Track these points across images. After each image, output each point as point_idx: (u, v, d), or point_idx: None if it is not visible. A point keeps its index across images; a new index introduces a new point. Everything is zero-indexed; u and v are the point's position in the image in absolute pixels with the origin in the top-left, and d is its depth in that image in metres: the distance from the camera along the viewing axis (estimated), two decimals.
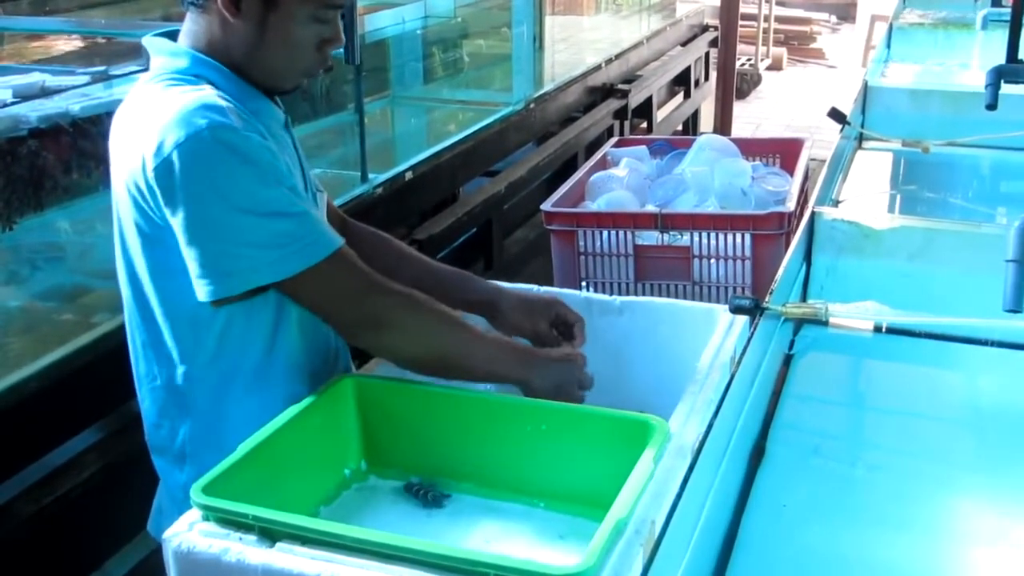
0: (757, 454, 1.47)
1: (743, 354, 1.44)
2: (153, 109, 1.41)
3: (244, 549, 1.18)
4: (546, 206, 2.43)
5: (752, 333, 1.49)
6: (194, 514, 1.23)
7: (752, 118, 8.81)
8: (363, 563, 1.14)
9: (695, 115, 7.12)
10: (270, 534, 1.19)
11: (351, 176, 3.41)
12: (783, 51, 11.18)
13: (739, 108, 8.28)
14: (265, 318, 1.50)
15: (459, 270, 1.75)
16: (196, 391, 1.52)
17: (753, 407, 1.50)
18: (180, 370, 1.51)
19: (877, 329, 1.76)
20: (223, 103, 1.40)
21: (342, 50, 2.93)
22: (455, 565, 1.11)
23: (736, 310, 1.53)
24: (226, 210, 1.38)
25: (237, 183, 1.38)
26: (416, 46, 4.69)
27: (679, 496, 1.20)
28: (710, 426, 1.29)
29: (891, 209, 2.46)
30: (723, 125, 7.37)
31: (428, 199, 3.77)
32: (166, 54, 1.48)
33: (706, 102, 7.39)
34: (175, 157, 1.36)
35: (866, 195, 2.46)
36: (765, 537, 1.33)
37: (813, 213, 1.91)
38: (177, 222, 1.39)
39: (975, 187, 2.76)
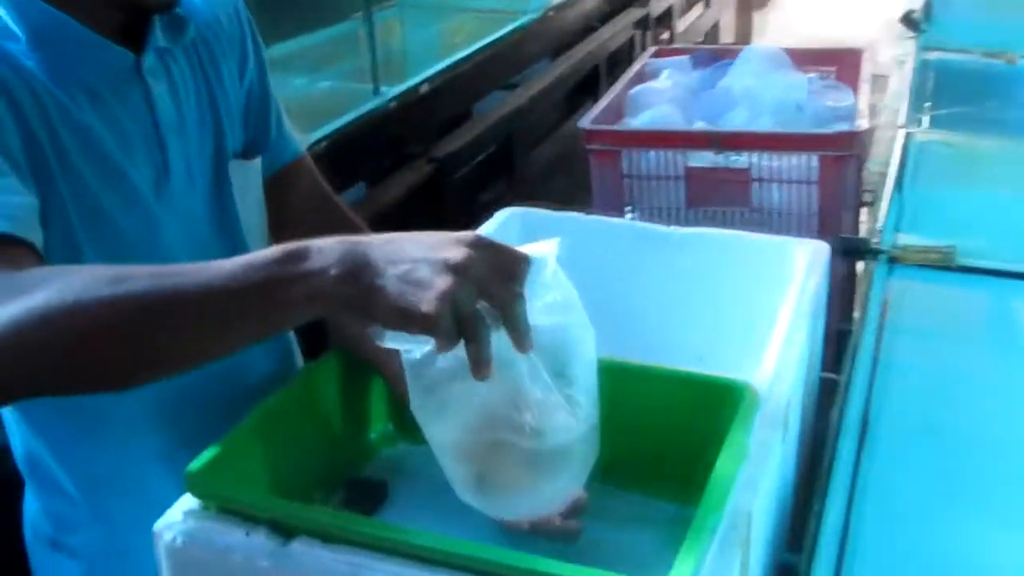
0: (860, 426, 1.23)
1: (843, 302, 1.20)
2: None
3: (252, 546, 0.96)
4: (585, 123, 2.18)
5: (855, 277, 1.25)
6: (190, 501, 1.01)
7: (772, 28, 8.46)
8: (400, 569, 0.92)
9: (715, 27, 6.79)
10: (284, 528, 0.97)
11: (362, 89, 3.15)
12: None
13: (757, 18, 7.93)
14: None
15: None
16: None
17: (854, 366, 1.27)
18: None
19: (992, 272, 1.51)
20: None
21: None
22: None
23: (843, 251, 1.28)
24: None
25: None
26: None
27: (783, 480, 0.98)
28: (814, 392, 1.06)
29: (976, 129, 2.20)
30: (743, 36, 7.06)
31: (444, 113, 3.51)
32: None
33: (726, 12, 7.06)
34: None
35: (949, 114, 2.20)
36: (880, 533, 1.10)
37: (907, 135, 1.66)
38: None
39: None
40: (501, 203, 1.63)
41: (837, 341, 1.50)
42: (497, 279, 0.86)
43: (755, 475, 1.04)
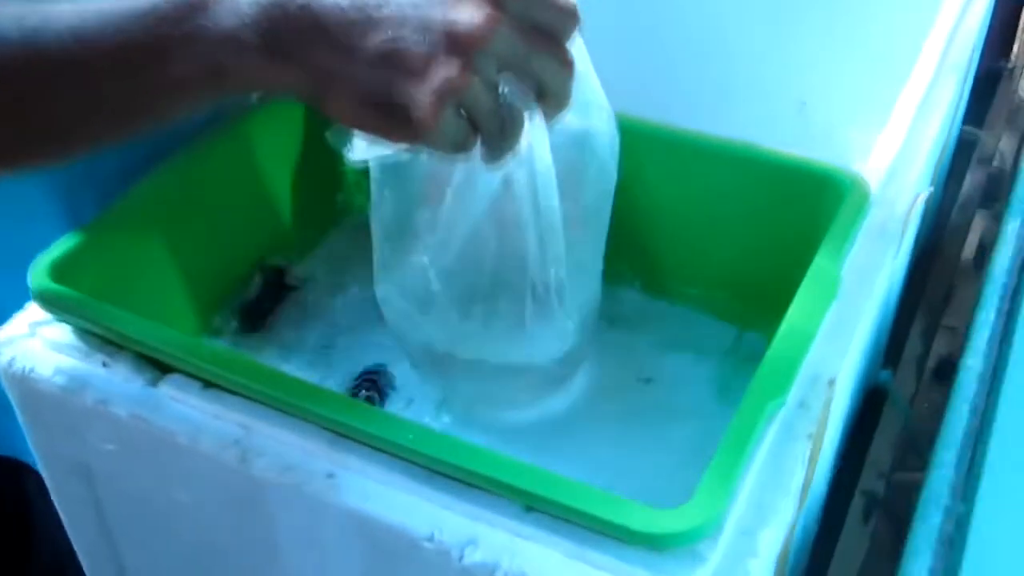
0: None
1: (1001, 38, 0.81)
2: None
3: (108, 384, 0.68)
4: None
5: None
6: (37, 313, 0.72)
7: None
8: (303, 441, 0.63)
9: None
10: (155, 364, 0.68)
11: None
12: None
13: None
14: None
15: None
16: None
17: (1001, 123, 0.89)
18: None
19: None
20: None
21: None
22: (475, 481, 0.59)
23: None
24: None
25: None
26: None
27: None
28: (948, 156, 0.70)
29: None
30: None
31: None
32: None
33: None
34: None
35: None
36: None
37: None
38: None
39: None
40: None
41: (986, 86, 1.12)
42: (535, 46, 0.53)
43: (848, 322, 0.71)
